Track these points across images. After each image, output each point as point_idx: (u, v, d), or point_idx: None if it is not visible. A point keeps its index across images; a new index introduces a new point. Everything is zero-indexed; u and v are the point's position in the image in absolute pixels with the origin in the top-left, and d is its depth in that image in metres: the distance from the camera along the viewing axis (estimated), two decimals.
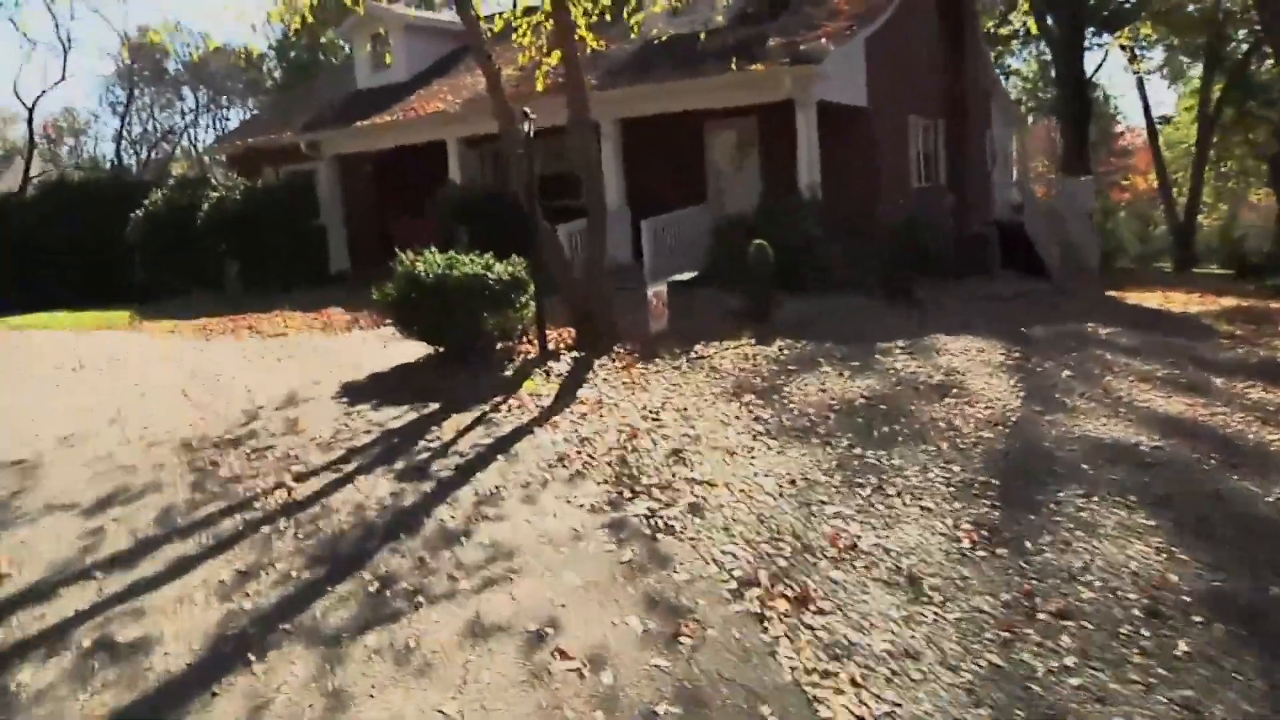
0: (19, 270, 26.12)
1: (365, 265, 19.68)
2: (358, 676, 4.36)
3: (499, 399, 8.72)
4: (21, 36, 47.21)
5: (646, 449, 7.19)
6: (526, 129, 10.47)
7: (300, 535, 5.83)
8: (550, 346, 10.59)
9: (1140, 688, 4.33)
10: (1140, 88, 40.86)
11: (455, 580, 5.22)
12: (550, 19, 11.81)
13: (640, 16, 13.75)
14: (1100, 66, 48.60)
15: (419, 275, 9.98)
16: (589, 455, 7.08)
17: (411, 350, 10.67)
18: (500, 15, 13.81)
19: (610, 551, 5.47)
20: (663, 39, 16.79)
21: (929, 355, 10.59)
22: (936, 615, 4.92)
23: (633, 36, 14.64)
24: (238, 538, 5.83)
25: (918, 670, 4.43)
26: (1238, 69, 36.39)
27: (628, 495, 6.27)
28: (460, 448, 7.36)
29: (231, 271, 20.78)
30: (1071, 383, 9.66)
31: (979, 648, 4.62)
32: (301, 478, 6.86)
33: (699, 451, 7.17)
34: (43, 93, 43.02)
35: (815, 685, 4.28)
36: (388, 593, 5.11)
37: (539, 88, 13.05)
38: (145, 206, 21.34)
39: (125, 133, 43.03)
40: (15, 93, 46.24)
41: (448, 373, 9.84)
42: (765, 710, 4.10)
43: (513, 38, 12.97)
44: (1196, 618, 4.93)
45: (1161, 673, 4.45)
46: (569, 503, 6.20)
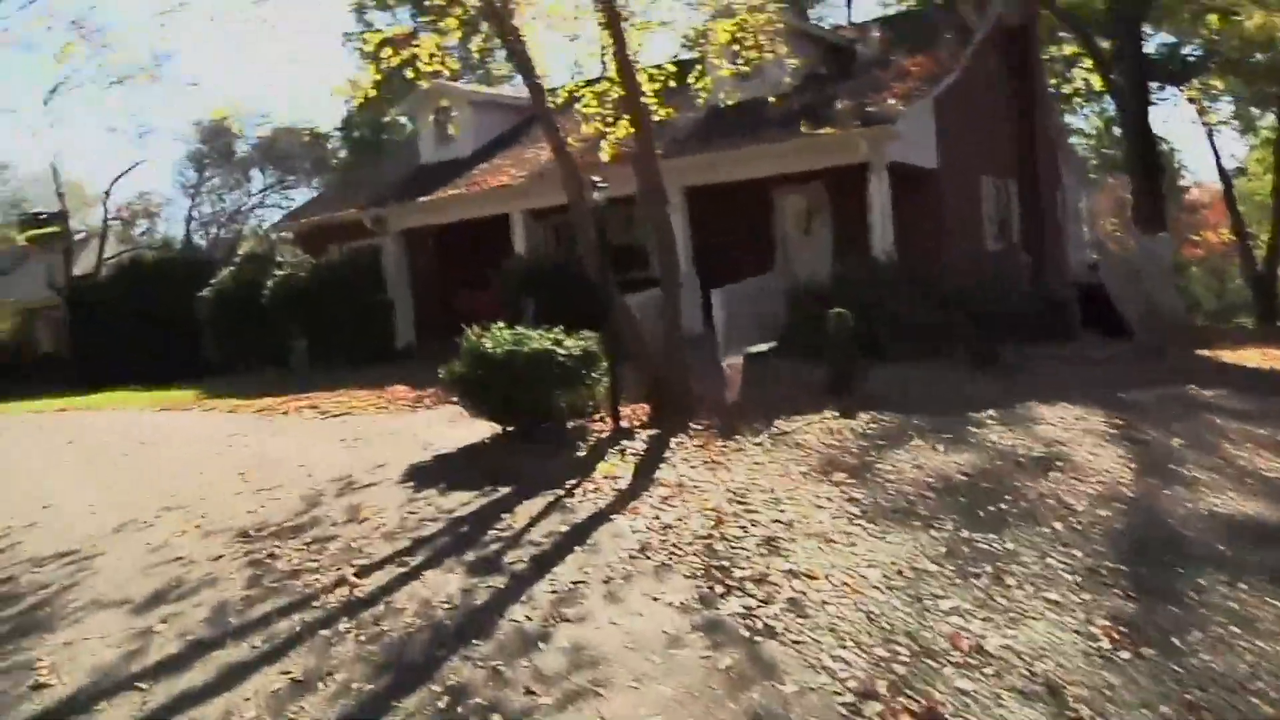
0: (94, 348, 26.56)
1: (431, 340, 19.50)
2: None
3: (573, 482, 8.22)
4: (98, 123, 48.74)
5: (736, 536, 6.62)
6: (596, 198, 10.14)
7: (362, 638, 5.32)
8: (624, 423, 10.10)
9: None
10: (1211, 140, 39.48)
11: (534, 695, 4.65)
12: (617, 86, 11.59)
13: (707, 83, 13.48)
14: (1166, 121, 47.61)
15: (486, 352, 9.61)
16: (674, 544, 6.50)
17: (479, 429, 10.26)
18: (564, 87, 13.64)
19: (706, 658, 4.87)
20: (729, 104, 16.54)
21: (1025, 425, 9.92)
22: None
23: (699, 103, 14.37)
24: (295, 641, 5.34)
25: None
26: None
27: (720, 590, 5.69)
28: (534, 537, 6.85)
29: (298, 348, 20.74)
30: (1185, 452, 8.92)
31: None
32: (364, 571, 6.39)
33: (793, 539, 6.57)
34: (119, 176, 44.07)
35: None
36: (459, 709, 4.56)
37: (605, 158, 12.80)
38: (213, 285, 21.50)
39: (195, 213, 44.05)
40: (94, 178, 47.50)
41: (517, 453, 9.39)
42: None
43: (576, 108, 12.74)
44: None
45: None
46: (656, 600, 5.62)
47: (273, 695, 4.81)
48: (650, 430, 9.93)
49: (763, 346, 12.72)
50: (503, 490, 8.14)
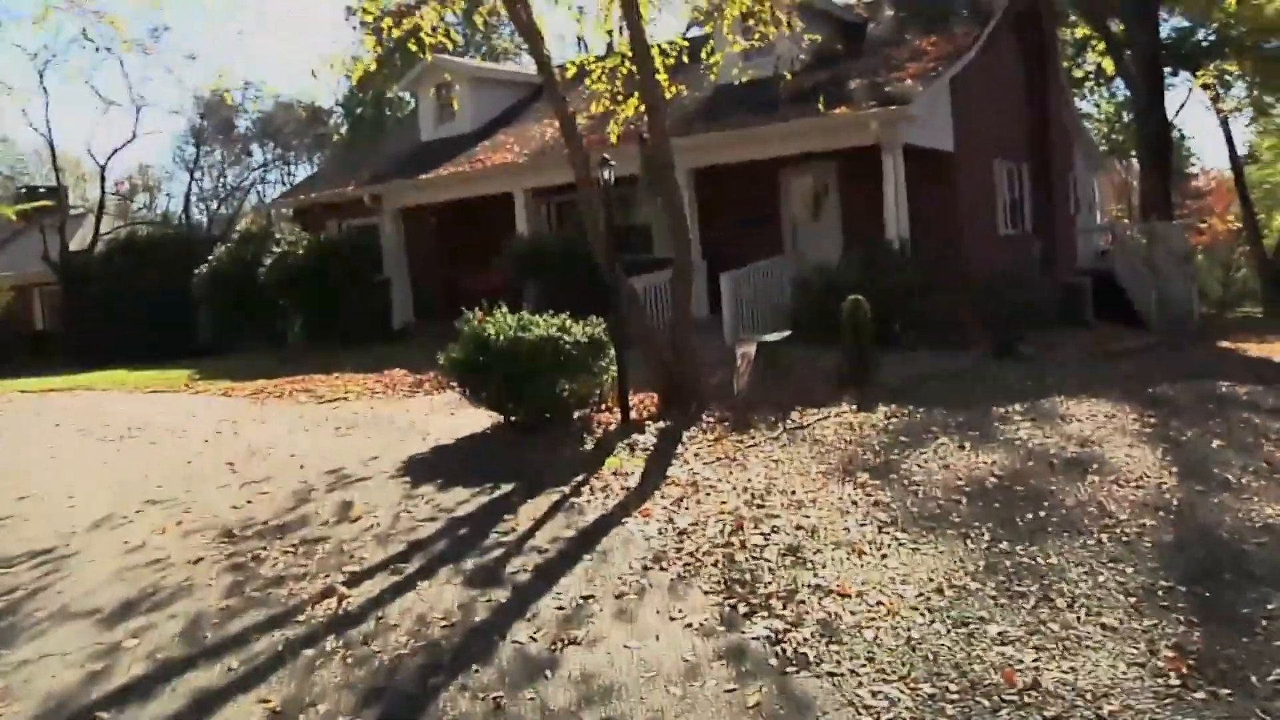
0: (88, 325, 26.07)
1: (429, 320, 19.04)
2: None
3: (579, 479, 7.73)
4: (96, 97, 47.99)
5: (757, 545, 6.11)
6: (605, 176, 9.62)
7: (350, 660, 4.81)
8: (632, 415, 9.58)
9: None
10: (1225, 126, 38.77)
11: None
12: (628, 63, 11.05)
13: (718, 58, 12.92)
14: (1182, 107, 46.85)
15: (488, 338, 9.10)
16: (690, 554, 6.00)
17: (478, 419, 9.78)
18: (572, 62, 13.11)
19: (731, 691, 4.36)
20: (738, 83, 15.98)
21: (1054, 423, 9.43)
22: None
23: (711, 78, 13.82)
24: (275, 662, 4.82)
25: None
26: None
27: (743, 609, 5.17)
28: (538, 542, 6.36)
29: (294, 326, 20.29)
30: (1226, 454, 8.41)
31: None
32: (355, 579, 5.89)
33: (818, 548, 6.07)
34: (114, 151, 43.32)
35: None
36: None
37: (613, 138, 12.27)
38: (209, 262, 21.01)
39: (196, 188, 43.41)
40: (89, 152, 46.78)
41: (520, 446, 8.90)
42: None
43: (585, 81, 12.19)
44: None
45: None
46: (673, 619, 5.11)
47: None
48: (660, 423, 9.44)
49: (776, 335, 12.20)
50: (504, 487, 7.65)
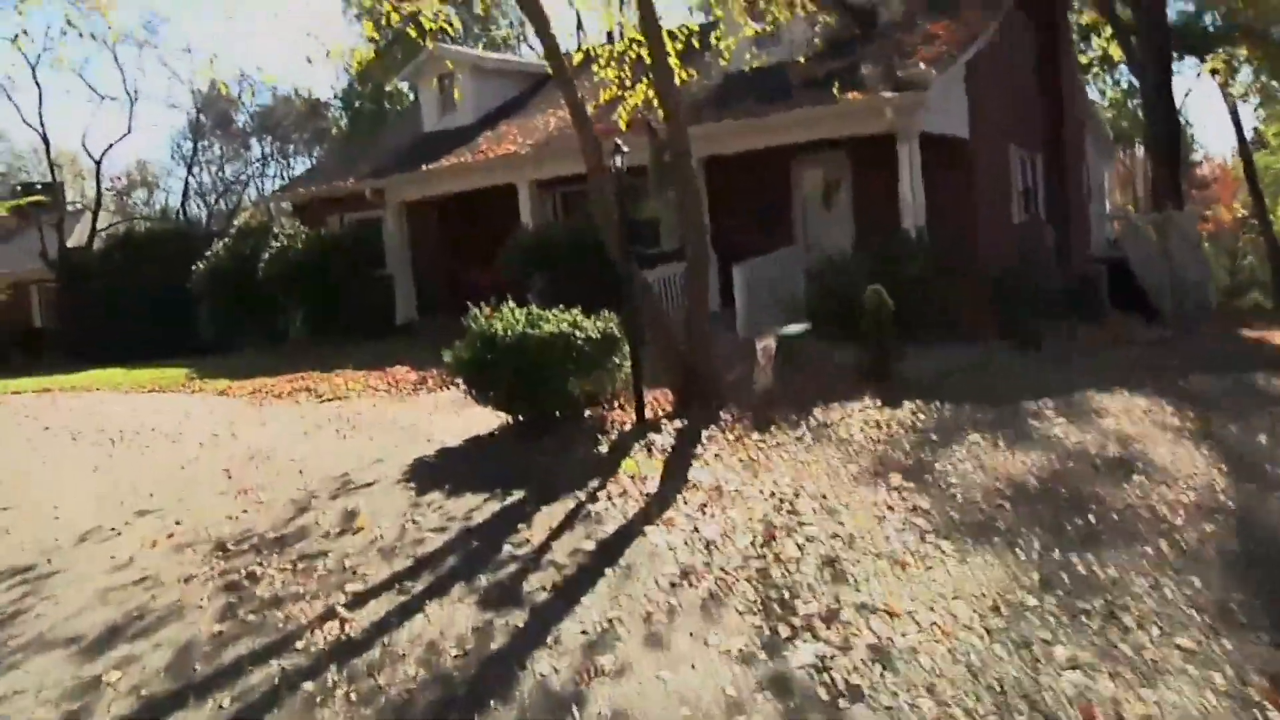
0: (86, 323, 25.66)
1: (433, 315, 18.57)
2: None
3: (595, 483, 7.27)
4: (90, 91, 47.49)
5: (792, 558, 5.67)
6: (617, 162, 9.16)
7: (354, 697, 4.37)
8: (647, 413, 9.12)
9: None
10: (1234, 114, 38.25)
11: None
12: (639, 47, 10.60)
13: (730, 43, 12.47)
14: (1188, 94, 46.36)
15: (495, 335, 8.67)
16: (721, 568, 5.55)
17: (485, 419, 9.33)
18: (580, 49, 12.66)
19: None
20: (748, 69, 15.55)
21: (1089, 418, 8.99)
22: None
23: (723, 63, 13.37)
24: (271, 699, 4.38)
25: None
26: None
27: (785, 632, 4.73)
28: (556, 556, 5.91)
29: (295, 322, 19.85)
30: (1276, 451, 7.99)
31: None
32: (359, 600, 5.44)
33: (858, 559, 5.63)
34: (110, 146, 42.85)
35: None
36: None
37: (622, 124, 11.82)
38: (208, 257, 20.59)
39: (194, 183, 42.94)
40: (84, 146, 46.25)
41: (530, 447, 8.45)
42: None
43: (593, 69, 11.73)
44: None
45: None
46: (708, 644, 4.66)
47: None
48: (676, 421, 8.99)
49: (796, 328, 11.76)
50: (516, 493, 7.20)
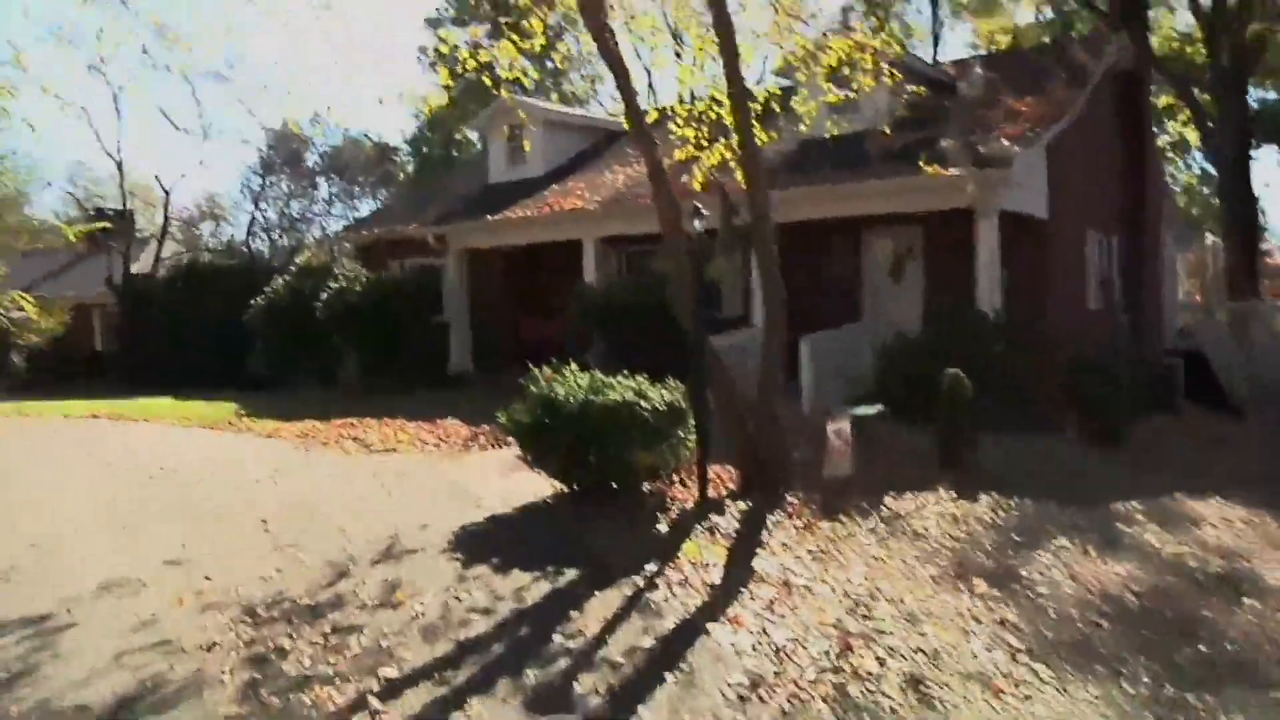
0: (144, 349, 25.84)
1: (487, 367, 18.32)
2: None
3: (653, 566, 6.79)
4: (167, 122, 48.57)
5: (871, 673, 5.14)
6: (696, 226, 8.84)
7: None
8: (709, 492, 8.66)
9: None
10: None
11: None
12: (718, 107, 10.35)
13: (811, 108, 12.18)
14: (1267, 186, 45.41)
15: (556, 399, 8.30)
16: (794, 681, 5.01)
17: (538, 485, 8.90)
18: (655, 108, 12.47)
19: None
20: (827, 136, 15.28)
21: (1182, 526, 8.41)
22: None
23: (803, 129, 13.11)
24: None
25: None
26: None
27: None
28: (611, 652, 5.40)
29: (348, 365, 19.69)
30: None
31: None
32: (393, 690, 4.96)
33: (945, 681, 5.09)
34: (181, 176, 43.76)
35: None
36: None
37: (697, 185, 11.56)
38: (267, 293, 20.58)
39: (260, 219, 43.52)
40: (156, 177, 47.18)
41: (585, 520, 7.99)
42: None
43: (670, 126, 11.50)
44: None
45: None
46: None
47: None
48: (740, 502, 8.49)
49: (869, 409, 11.27)
50: (569, 573, 6.74)
